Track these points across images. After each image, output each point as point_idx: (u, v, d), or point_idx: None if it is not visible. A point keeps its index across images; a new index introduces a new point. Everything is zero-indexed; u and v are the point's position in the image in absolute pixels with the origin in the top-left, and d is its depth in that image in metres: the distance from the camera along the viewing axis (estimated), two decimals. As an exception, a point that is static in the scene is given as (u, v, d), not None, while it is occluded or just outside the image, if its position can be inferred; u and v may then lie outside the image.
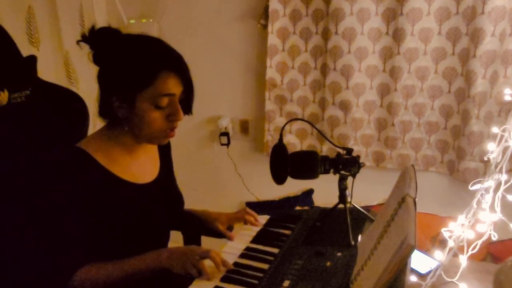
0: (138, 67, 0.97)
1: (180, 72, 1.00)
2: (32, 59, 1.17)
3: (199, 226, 1.33)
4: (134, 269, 0.99)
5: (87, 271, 0.97)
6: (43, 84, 1.19)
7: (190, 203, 1.36)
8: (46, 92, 1.19)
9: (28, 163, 1.08)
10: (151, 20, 2.13)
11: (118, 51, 0.99)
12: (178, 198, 1.25)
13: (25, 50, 1.14)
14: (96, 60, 1.01)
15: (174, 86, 0.99)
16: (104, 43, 0.99)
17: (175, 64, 1.00)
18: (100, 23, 2.00)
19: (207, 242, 1.35)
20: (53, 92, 1.21)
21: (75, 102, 1.22)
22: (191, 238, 1.41)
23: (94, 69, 1.04)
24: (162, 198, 1.15)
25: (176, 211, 1.23)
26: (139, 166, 1.11)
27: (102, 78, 1.01)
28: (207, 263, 0.99)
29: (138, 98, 0.97)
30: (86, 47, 1.01)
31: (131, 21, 2.15)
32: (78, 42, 1.02)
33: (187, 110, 1.09)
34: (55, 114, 1.18)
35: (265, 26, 1.96)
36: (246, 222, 1.29)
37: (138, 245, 1.05)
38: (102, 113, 1.04)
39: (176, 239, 1.41)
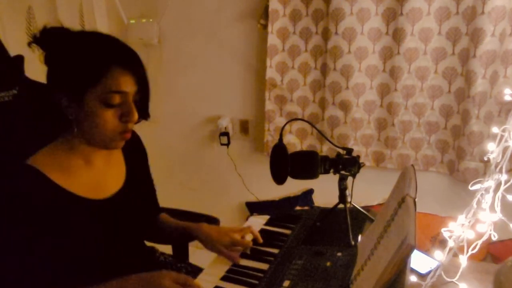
0: (85, 61, 0.90)
1: (133, 69, 0.93)
2: (19, 59, 1.17)
3: (191, 241, 1.24)
4: None
5: None
6: (32, 84, 1.18)
7: (190, 203, 1.36)
8: (34, 92, 1.17)
9: (14, 163, 1.02)
10: (151, 20, 2.13)
11: (67, 48, 0.92)
12: (148, 206, 1.17)
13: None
14: (47, 61, 0.94)
15: (125, 84, 0.91)
16: (55, 43, 0.93)
17: (128, 60, 0.93)
18: (100, 23, 2.00)
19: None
20: (42, 92, 1.20)
21: None
22: (180, 246, 1.38)
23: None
24: (129, 210, 1.06)
25: (147, 220, 1.15)
26: (100, 179, 1.02)
27: (49, 77, 0.94)
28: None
29: (87, 95, 0.89)
30: (39, 49, 0.95)
31: (131, 21, 2.15)
32: (29, 44, 0.95)
33: (144, 113, 1.00)
34: (43, 114, 1.16)
35: (265, 26, 1.96)
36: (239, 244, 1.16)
37: (108, 263, 0.99)
38: (51, 116, 0.96)
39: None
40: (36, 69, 1.18)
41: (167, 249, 1.36)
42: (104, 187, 1.03)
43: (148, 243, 1.23)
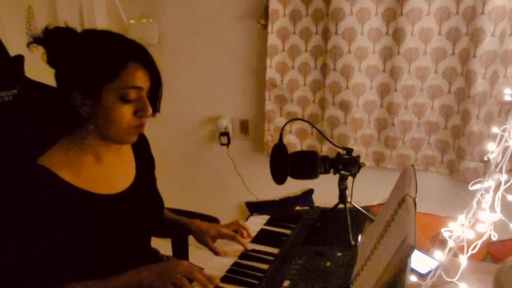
0: (104, 58, 0.92)
1: (148, 65, 0.96)
2: (20, 59, 1.17)
3: (185, 234, 1.28)
4: None
5: None
6: (32, 84, 1.18)
7: (190, 203, 1.36)
8: (35, 92, 1.18)
9: (14, 163, 1.03)
10: (151, 20, 2.13)
11: (80, 45, 0.94)
12: (157, 203, 1.19)
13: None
14: (51, 60, 0.95)
15: (141, 79, 0.94)
16: (59, 42, 0.94)
17: (143, 56, 0.96)
18: (100, 23, 2.00)
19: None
20: (42, 92, 1.19)
21: None
22: (179, 246, 1.39)
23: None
24: (139, 205, 1.08)
25: (155, 217, 1.17)
26: (110, 174, 1.04)
27: (61, 76, 0.95)
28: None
29: (104, 91, 0.91)
30: (39, 49, 0.96)
31: (131, 21, 2.15)
32: (29, 44, 0.96)
33: (154, 108, 1.02)
34: (44, 114, 1.16)
35: (265, 26, 1.96)
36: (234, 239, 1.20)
37: (117, 258, 1.01)
38: (60, 114, 0.97)
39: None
40: (36, 69, 1.19)
41: (168, 250, 1.36)
42: (114, 183, 1.04)
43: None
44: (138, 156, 1.15)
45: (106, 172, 1.03)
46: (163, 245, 1.34)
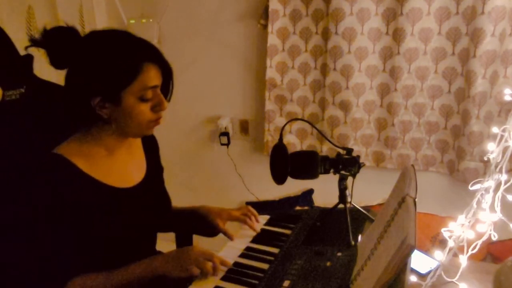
0: (121, 63, 0.93)
1: (160, 62, 0.99)
2: (29, 58, 1.17)
3: (195, 223, 1.29)
4: (126, 279, 0.96)
5: (77, 283, 0.94)
6: (40, 83, 1.19)
7: (190, 203, 1.36)
8: (42, 90, 1.18)
9: (21, 162, 1.04)
10: (151, 20, 2.13)
11: (91, 49, 0.94)
12: (165, 200, 1.21)
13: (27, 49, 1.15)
14: (56, 62, 0.96)
15: (156, 78, 0.98)
16: (63, 43, 0.94)
17: (154, 55, 0.98)
18: (100, 23, 2.00)
19: (205, 241, 1.35)
20: (49, 91, 1.20)
21: None
22: (183, 237, 1.40)
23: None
24: (149, 201, 1.10)
25: (163, 213, 1.19)
26: (123, 169, 1.07)
27: (74, 81, 0.95)
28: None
29: (123, 94, 0.94)
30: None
31: (131, 21, 2.15)
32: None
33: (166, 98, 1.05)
34: (51, 112, 1.16)
35: (265, 26, 1.96)
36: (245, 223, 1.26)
37: (125, 251, 1.02)
38: (79, 117, 0.99)
39: (169, 237, 1.40)
40: (41, 68, 1.19)
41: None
42: (125, 177, 1.07)
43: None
44: (149, 154, 1.17)
45: (118, 166, 1.05)
46: (168, 246, 1.34)
